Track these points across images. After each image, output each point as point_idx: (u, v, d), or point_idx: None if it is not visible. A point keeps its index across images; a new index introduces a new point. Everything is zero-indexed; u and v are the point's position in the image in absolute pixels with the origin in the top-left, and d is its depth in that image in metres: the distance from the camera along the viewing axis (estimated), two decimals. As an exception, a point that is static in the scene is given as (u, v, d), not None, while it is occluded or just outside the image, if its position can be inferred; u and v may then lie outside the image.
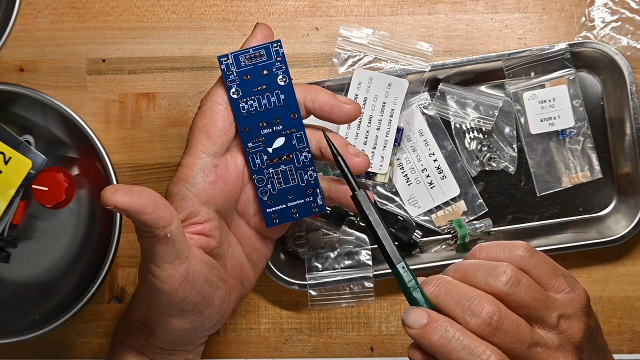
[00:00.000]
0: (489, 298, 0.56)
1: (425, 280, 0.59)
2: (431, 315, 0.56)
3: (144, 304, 0.69)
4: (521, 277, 0.57)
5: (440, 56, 0.81)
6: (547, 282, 0.60)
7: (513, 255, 0.59)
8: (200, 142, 0.63)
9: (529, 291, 0.57)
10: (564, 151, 0.80)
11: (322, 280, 0.80)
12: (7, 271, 0.81)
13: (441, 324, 0.56)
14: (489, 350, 0.54)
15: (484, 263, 0.58)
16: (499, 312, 0.55)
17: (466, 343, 0.55)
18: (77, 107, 0.80)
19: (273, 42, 0.64)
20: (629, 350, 0.81)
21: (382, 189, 0.80)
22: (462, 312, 0.56)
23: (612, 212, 0.81)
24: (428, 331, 0.56)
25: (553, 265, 0.61)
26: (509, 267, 0.57)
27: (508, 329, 0.55)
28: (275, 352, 0.82)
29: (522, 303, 0.57)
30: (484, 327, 0.55)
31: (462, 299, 0.56)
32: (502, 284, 0.57)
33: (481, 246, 0.61)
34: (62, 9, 0.82)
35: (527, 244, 0.60)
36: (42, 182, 0.78)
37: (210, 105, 0.64)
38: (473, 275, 0.58)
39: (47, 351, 0.83)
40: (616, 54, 0.78)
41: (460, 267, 0.59)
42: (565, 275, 0.61)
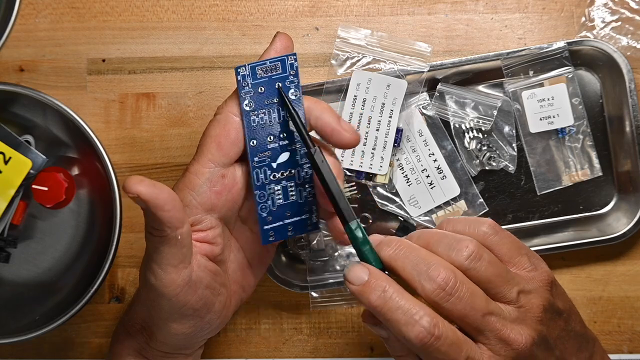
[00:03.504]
0: (447, 264, 0.57)
1: (383, 241, 0.59)
2: (372, 272, 0.57)
3: (144, 306, 0.69)
4: (482, 252, 0.58)
5: (440, 56, 0.81)
6: (510, 260, 0.61)
7: (477, 231, 0.61)
8: (210, 151, 0.63)
9: (489, 267, 0.58)
10: (563, 149, 0.80)
11: (323, 282, 0.80)
12: (7, 271, 0.81)
13: (380, 282, 0.56)
14: (422, 312, 0.55)
15: (447, 235, 0.59)
16: (455, 279, 0.56)
17: (402, 303, 0.55)
18: (77, 107, 0.80)
19: (289, 54, 0.63)
20: (629, 350, 0.81)
21: (382, 190, 0.80)
22: (419, 275, 0.56)
23: (612, 210, 0.81)
24: (367, 289, 0.57)
25: (517, 244, 0.62)
26: (472, 242, 0.58)
27: (462, 295, 0.56)
28: (275, 352, 0.82)
29: (482, 278, 0.58)
30: (438, 292, 0.56)
31: (420, 263, 0.57)
32: (464, 258, 0.58)
33: (448, 220, 0.62)
34: (62, 9, 0.82)
35: (492, 221, 0.62)
36: (42, 182, 0.78)
37: (226, 115, 0.63)
38: (435, 245, 0.59)
39: (47, 351, 0.83)
40: (614, 52, 0.78)
41: (424, 235, 0.60)
42: (529, 255, 0.62)
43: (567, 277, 0.81)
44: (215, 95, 0.81)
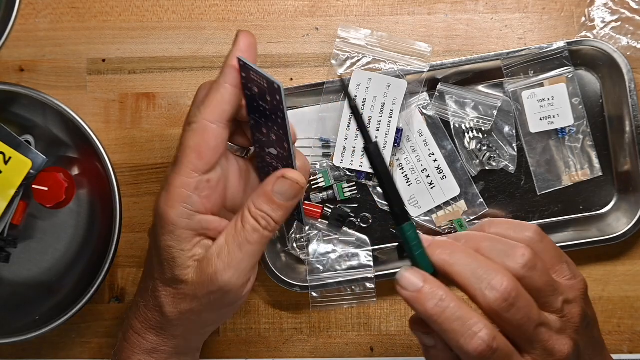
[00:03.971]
0: (508, 273, 0.55)
1: (435, 243, 0.58)
2: (427, 279, 0.56)
3: (190, 314, 0.67)
4: (537, 261, 0.57)
5: (440, 56, 0.81)
6: (552, 267, 0.60)
7: (524, 236, 0.59)
8: (192, 162, 0.62)
9: (542, 276, 0.57)
10: (563, 149, 0.80)
11: (323, 282, 0.80)
12: (7, 271, 0.81)
13: (437, 291, 0.55)
14: (481, 324, 0.54)
15: (500, 240, 0.58)
16: (517, 289, 0.55)
17: (460, 314, 0.54)
18: (77, 107, 0.80)
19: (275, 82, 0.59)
20: (629, 350, 0.81)
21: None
22: (479, 284, 0.55)
23: (612, 210, 0.81)
24: (423, 296, 0.55)
25: (559, 251, 0.61)
26: (527, 249, 0.57)
27: (522, 306, 0.55)
28: (275, 352, 0.82)
29: (535, 287, 0.57)
30: (500, 302, 0.54)
31: (479, 270, 0.55)
32: (520, 266, 0.56)
33: (491, 221, 0.61)
34: (62, 9, 0.82)
35: (537, 227, 0.60)
36: (42, 182, 0.78)
37: (203, 124, 0.62)
38: (489, 250, 0.57)
39: (47, 351, 0.83)
40: (614, 52, 0.78)
41: (474, 239, 0.59)
42: (569, 263, 0.61)
43: (567, 277, 0.81)
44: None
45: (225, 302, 0.65)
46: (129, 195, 0.82)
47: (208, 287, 0.62)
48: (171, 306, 0.65)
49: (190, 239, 0.63)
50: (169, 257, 0.63)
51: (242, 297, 0.65)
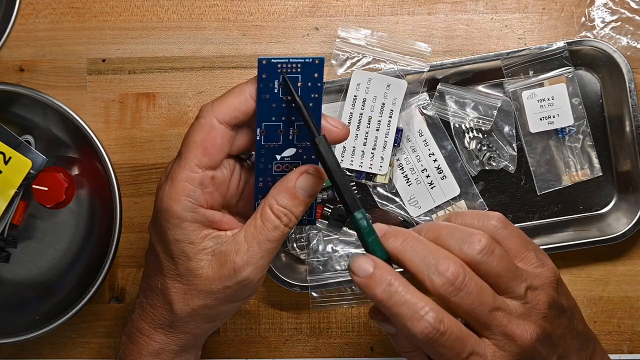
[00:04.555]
0: (456, 259, 0.57)
1: (389, 232, 0.59)
2: (377, 264, 0.57)
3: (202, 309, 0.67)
4: (494, 247, 0.58)
5: (440, 56, 0.81)
6: (517, 254, 0.61)
7: (486, 224, 0.60)
8: (197, 156, 0.62)
9: (500, 261, 0.58)
10: (563, 149, 0.80)
11: (323, 282, 0.80)
12: (7, 271, 0.81)
13: (386, 276, 0.56)
14: (427, 307, 0.55)
15: (459, 228, 0.59)
16: (464, 273, 0.56)
17: (407, 298, 0.55)
18: (77, 107, 0.80)
19: (315, 58, 0.62)
20: (629, 350, 0.81)
21: (382, 190, 0.80)
22: (427, 269, 0.56)
23: (612, 210, 0.81)
24: (373, 281, 0.56)
25: (525, 239, 0.62)
26: (484, 236, 0.58)
27: (471, 291, 0.56)
28: (275, 352, 0.82)
29: (493, 272, 0.58)
30: (447, 286, 0.56)
31: (428, 256, 0.57)
32: (476, 252, 0.57)
33: (457, 213, 0.62)
34: (62, 9, 0.82)
35: (501, 215, 0.61)
36: (42, 182, 0.78)
37: (211, 121, 0.62)
38: (446, 238, 0.58)
39: (47, 351, 0.83)
40: (614, 52, 0.78)
41: (434, 228, 0.60)
42: (536, 250, 0.62)
43: (567, 277, 0.81)
44: (215, 95, 0.81)
45: (239, 297, 0.65)
46: (129, 195, 0.82)
47: (225, 283, 0.63)
48: (182, 303, 0.65)
49: (198, 232, 0.63)
50: (179, 252, 0.63)
51: (255, 291, 0.66)
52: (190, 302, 0.64)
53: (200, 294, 0.64)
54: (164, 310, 0.66)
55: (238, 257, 0.62)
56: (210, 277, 0.63)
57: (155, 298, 0.66)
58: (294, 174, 0.64)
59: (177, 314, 0.65)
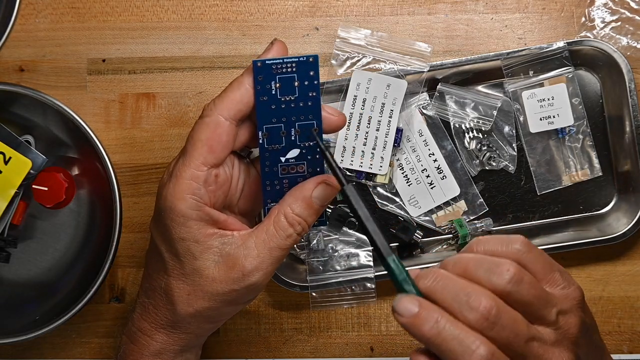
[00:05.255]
0: (487, 293, 0.56)
1: (420, 274, 0.58)
2: (422, 304, 0.56)
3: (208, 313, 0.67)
4: (523, 275, 0.57)
5: (440, 56, 0.81)
6: (544, 277, 0.59)
7: (511, 249, 0.59)
8: (202, 154, 0.62)
9: (530, 289, 0.57)
10: (563, 149, 0.80)
11: (323, 282, 0.80)
12: (7, 271, 0.81)
13: (432, 314, 0.55)
14: (478, 341, 0.54)
15: (485, 259, 0.58)
16: (497, 307, 0.55)
17: (456, 333, 0.54)
18: (77, 107, 0.80)
19: (309, 56, 0.63)
20: (629, 350, 0.81)
21: (382, 190, 0.80)
22: (460, 306, 0.55)
23: (612, 210, 0.81)
24: (419, 320, 0.55)
25: (550, 260, 0.60)
26: (512, 264, 0.57)
27: (506, 323, 0.55)
28: (275, 352, 0.82)
29: (524, 301, 0.57)
30: (481, 321, 0.55)
31: (460, 293, 0.56)
32: (505, 282, 0.56)
33: (479, 240, 0.61)
34: (62, 9, 0.82)
35: (524, 238, 0.60)
36: (42, 182, 0.78)
37: (216, 118, 0.63)
38: (474, 271, 0.57)
39: (47, 351, 0.83)
40: (614, 52, 0.78)
41: (461, 261, 0.59)
42: (561, 271, 0.61)
43: (567, 277, 0.81)
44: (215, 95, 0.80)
45: (243, 300, 0.66)
46: (129, 195, 0.82)
47: (232, 286, 0.63)
48: (185, 303, 0.65)
49: (204, 231, 0.63)
50: (185, 250, 0.63)
51: (257, 295, 0.67)
52: (194, 304, 0.64)
53: (205, 295, 0.64)
54: (167, 311, 0.66)
55: (247, 261, 0.62)
56: (217, 278, 0.63)
57: (157, 298, 0.66)
58: (311, 183, 0.64)
59: (180, 314, 0.65)
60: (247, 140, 0.65)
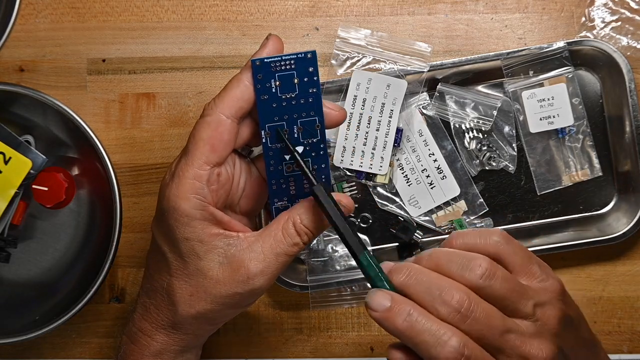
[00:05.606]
0: (459, 286, 0.56)
1: (394, 268, 0.59)
2: (394, 298, 0.57)
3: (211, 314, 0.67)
4: (496, 269, 0.58)
5: (440, 56, 0.81)
6: (521, 269, 0.60)
7: (489, 241, 0.60)
8: (204, 154, 0.62)
9: (504, 283, 0.57)
10: (563, 149, 0.80)
11: (323, 282, 0.80)
12: (7, 271, 0.81)
13: (404, 307, 0.56)
14: (450, 332, 0.55)
15: (458, 254, 0.59)
16: (469, 300, 0.56)
17: (428, 326, 0.55)
18: (77, 107, 0.80)
19: (307, 52, 0.63)
20: (629, 350, 0.81)
21: (382, 190, 0.80)
22: (432, 300, 0.56)
23: (612, 210, 0.81)
24: (392, 314, 0.56)
25: (528, 253, 0.61)
26: (484, 259, 0.58)
27: (479, 316, 0.56)
28: (275, 352, 0.82)
29: (498, 295, 0.57)
30: (454, 315, 0.55)
31: (432, 287, 0.56)
32: (477, 277, 0.57)
33: (458, 233, 0.61)
34: (62, 9, 0.82)
35: (503, 231, 0.61)
36: (42, 182, 0.78)
37: (217, 117, 0.63)
38: (447, 266, 0.58)
39: (47, 351, 0.83)
40: (614, 52, 0.78)
41: (434, 256, 0.59)
42: (540, 264, 0.61)
43: (567, 277, 0.81)
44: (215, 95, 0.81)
45: (244, 303, 0.66)
46: (129, 195, 0.82)
47: (235, 289, 0.63)
48: (187, 305, 0.65)
49: (208, 231, 0.63)
50: (189, 251, 0.63)
51: (259, 297, 0.67)
52: (195, 305, 0.64)
53: (208, 297, 0.64)
54: (168, 311, 0.66)
55: (253, 264, 0.63)
56: (221, 280, 0.63)
57: (159, 299, 0.66)
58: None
59: (181, 315, 0.65)
60: (249, 138, 0.65)
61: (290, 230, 0.64)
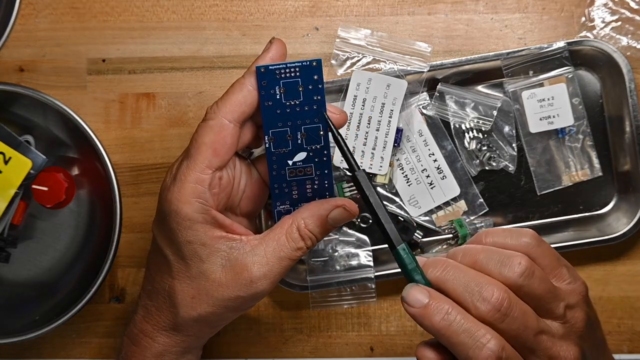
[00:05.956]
0: (498, 284, 0.56)
1: (429, 262, 0.58)
2: (432, 295, 0.56)
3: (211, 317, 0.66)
4: (534, 268, 0.57)
5: (440, 56, 0.81)
6: (552, 272, 0.60)
7: (520, 242, 0.59)
8: (207, 158, 0.62)
9: (541, 283, 0.57)
10: (563, 149, 0.80)
11: (323, 282, 0.80)
12: (7, 271, 0.81)
13: (443, 305, 0.55)
14: (489, 335, 0.54)
15: (496, 251, 0.58)
16: (509, 299, 0.55)
17: (467, 326, 0.55)
18: (77, 107, 0.80)
19: (313, 60, 0.63)
20: (629, 350, 0.81)
21: (383, 190, 0.80)
22: (471, 297, 0.55)
23: (612, 210, 0.81)
24: (429, 311, 0.56)
25: (557, 255, 0.61)
26: (524, 258, 0.57)
27: (516, 316, 0.55)
28: (275, 352, 0.82)
29: (534, 295, 0.57)
30: (493, 313, 0.55)
31: (471, 283, 0.56)
32: (517, 275, 0.56)
33: (487, 231, 0.61)
34: (62, 9, 0.82)
35: (533, 232, 0.60)
36: (42, 182, 0.78)
37: (220, 121, 0.62)
38: (485, 263, 0.57)
39: (47, 351, 0.83)
40: (614, 52, 0.78)
41: (470, 252, 0.59)
42: (567, 266, 0.61)
43: (567, 277, 0.81)
44: (215, 95, 0.81)
45: (245, 306, 0.66)
46: (129, 195, 0.82)
47: (237, 292, 0.63)
48: (188, 307, 0.64)
49: (210, 234, 0.63)
50: (191, 253, 0.63)
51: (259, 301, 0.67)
52: (197, 308, 0.64)
53: (210, 300, 0.64)
54: (169, 313, 0.66)
55: (256, 268, 0.62)
56: (224, 282, 0.63)
57: (160, 301, 0.66)
58: (330, 204, 0.64)
59: (182, 317, 0.65)
60: (250, 141, 0.66)
61: (295, 235, 0.64)
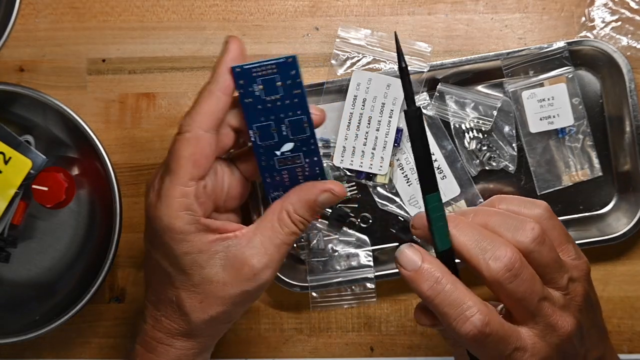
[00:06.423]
0: (511, 245, 0.56)
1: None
2: (426, 258, 0.56)
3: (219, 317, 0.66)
4: (545, 236, 0.57)
5: (440, 56, 0.81)
6: (559, 245, 0.60)
7: (534, 212, 0.60)
8: (188, 171, 0.62)
9: (550, 252, 0.57)
10: (563, 149, 0.80)
11: (323, 282, 0.80)
12: (7, 271, 0.81)
13: (434, 272, 0.56)
14: (475, 308, 0.55)
15: (510, 215, 0.58)
16: (520, 261, 0.55)
17: (455, 297, 0.55)
18: (77, 107, 0.80)
19: (288, 57, 0.62)
20: (629, 350, 0.81)
21: (383, 190, 0.80)
22: (484, 254, 0.55)
23: (612, 210, 0.81)
24: (420, 276, 0.56)
25: (566, 231, 0.61)
26: (537, 225, 0.57)
27: (525, 278, 0.55)
28: (275, 352, 0.82)
29: (542, 262, 0.57)
30: (504, 272, 0.55)
31: (484, 242, 0.56)
32: (529, 240, 0.57)
33: (501, 197, 0.61)
34: (62, 9, 0.82)
35: (547, 204, 0.61)
36: (42, 182, 0.78)
37: (196, 132, 0.62)
38: (498, 225, 0.58)
39: (47, 351, 0.83)
40: (614, 52, 0.78)
41: (482, 213, 0.59)
42: (574, 244, 0.62)
43: (567, 277, 0.81)
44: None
45: (254, 298, 0.66)
46: (129, 195, 0.82)
47: (243, 287, 0.63)
48: (200, 312, 0.64)
49: (205, 239, 0.63)
50: (191, 263, 0.63)
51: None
52: (208, 310, 0.64)
53: (218, 300, 0.64)
54: (181, 321, 0.66)
55: (256, 260, 0.63)
56: (228, 281, 0.63)
57: (169, 310, 0.66)
58: (318, 189, 0.64)
59: (195, 322, 0.65)
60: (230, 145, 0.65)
61: (286, 220, 0.64)
